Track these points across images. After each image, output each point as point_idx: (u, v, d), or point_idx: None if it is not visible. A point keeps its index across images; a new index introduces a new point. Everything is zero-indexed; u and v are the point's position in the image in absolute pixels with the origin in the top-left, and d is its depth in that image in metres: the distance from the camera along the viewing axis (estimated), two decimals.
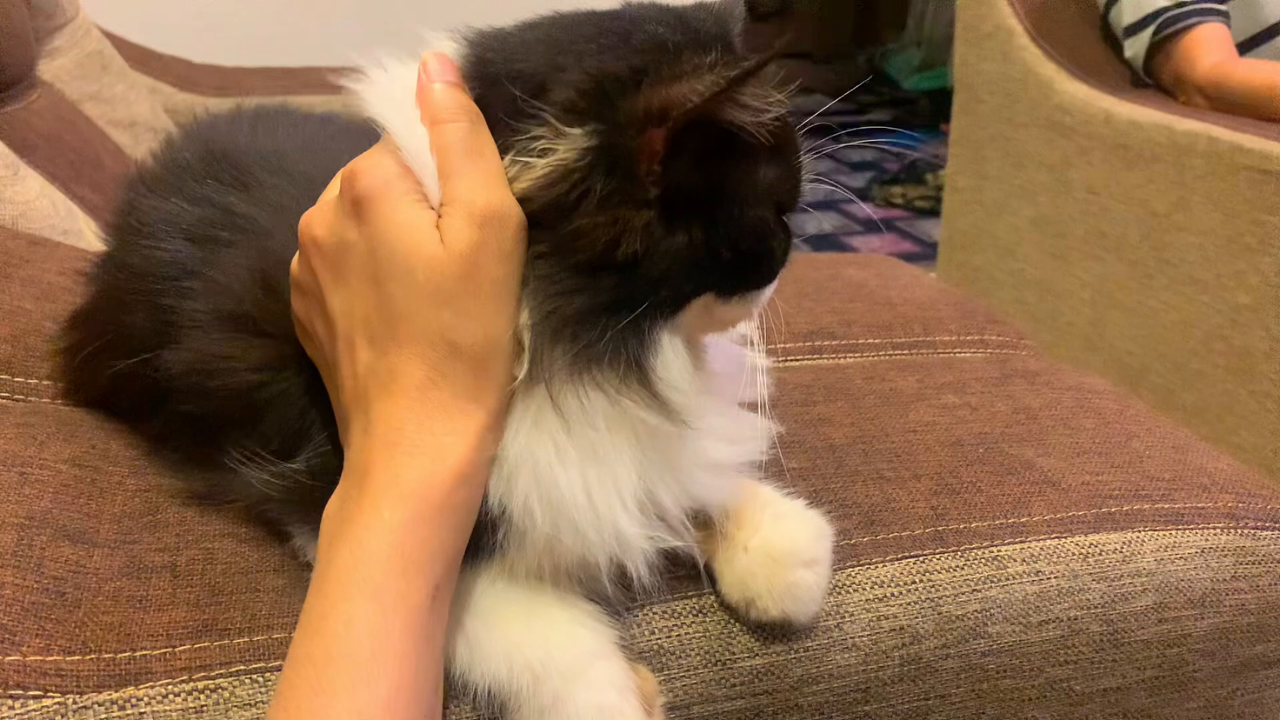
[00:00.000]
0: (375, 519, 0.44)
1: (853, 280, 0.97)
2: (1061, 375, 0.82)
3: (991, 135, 1.80)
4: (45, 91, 1.28)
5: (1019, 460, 0.69)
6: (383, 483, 0.45)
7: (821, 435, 0.70)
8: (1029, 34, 1.71)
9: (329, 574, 0.44)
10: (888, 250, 2.96)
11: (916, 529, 0.62)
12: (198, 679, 0.49)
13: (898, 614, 0.59)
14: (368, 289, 0.47)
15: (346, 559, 0.44)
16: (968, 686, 0.60)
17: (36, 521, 0.55)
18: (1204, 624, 0.64)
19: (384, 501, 0.45)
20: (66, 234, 0.97)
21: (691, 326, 0.50)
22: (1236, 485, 0.69)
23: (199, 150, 0.68)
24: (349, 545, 0.44)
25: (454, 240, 0.45)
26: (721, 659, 0.55)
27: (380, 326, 0.47)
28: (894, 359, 0.85)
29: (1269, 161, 1.30)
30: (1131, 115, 1.51)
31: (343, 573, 0.44)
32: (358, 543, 0.44)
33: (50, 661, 0.48)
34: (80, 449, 0.62)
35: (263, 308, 0.55)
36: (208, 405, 0.55)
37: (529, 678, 0.48)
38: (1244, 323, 1.36)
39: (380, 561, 0.44)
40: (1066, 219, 1.64)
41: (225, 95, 1.68)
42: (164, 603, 0.53)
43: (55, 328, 0.70)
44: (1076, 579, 0.62)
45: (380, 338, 0.47)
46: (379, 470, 0.45)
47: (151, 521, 0.58)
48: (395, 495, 0.45)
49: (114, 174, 1.24)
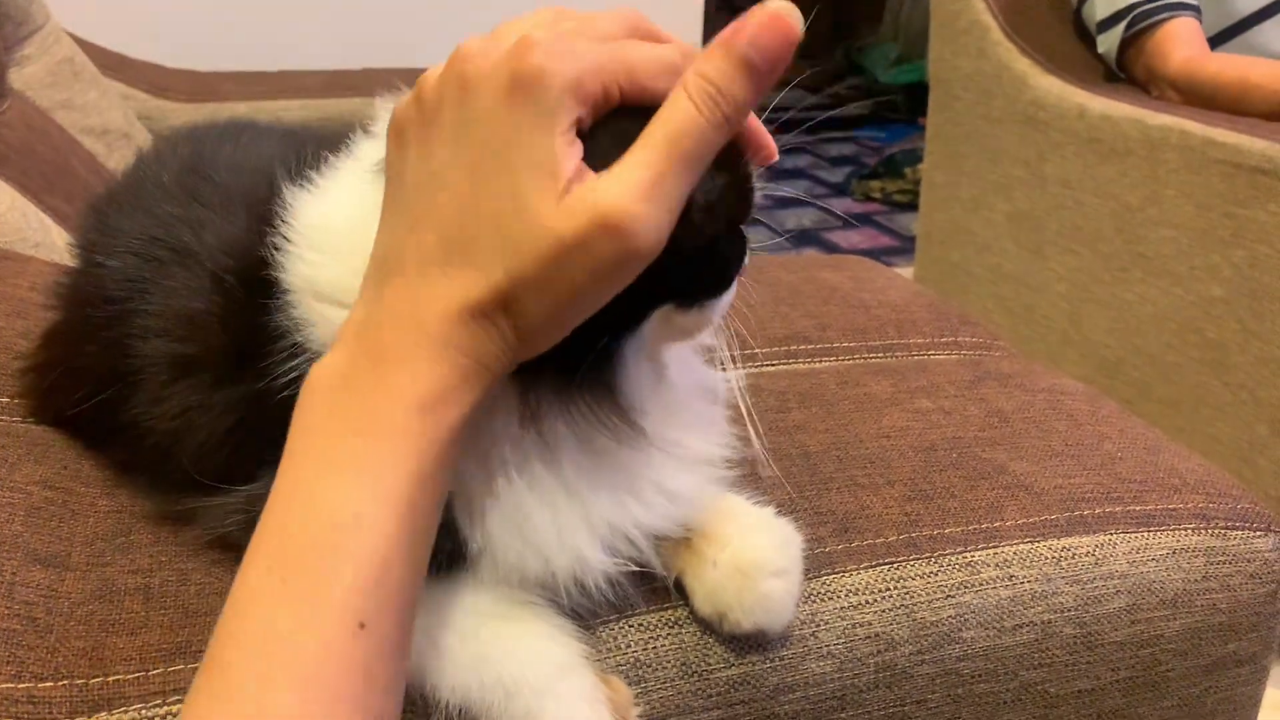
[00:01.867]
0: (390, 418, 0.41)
1: (827, 283, 0.98)
2: (1034, 377, 0.83)
3: (967, 131, 1.81)
4: (16, 101, 1.27)
5: (992, 465, 0.69)
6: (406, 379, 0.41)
7: (796, 442, 0.71)
8: (1003, 30, 1.72)
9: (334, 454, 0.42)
10: (866, 245, 2.96)
11: (890, 535, 0.63)
12: (172, 703, 0.49)
13: (872, 621, 0.59)
14: (471, 177, 0.42)
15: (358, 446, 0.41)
16: (943, 691, 0.61)
17: (7, 546, 0.55)
18: (1176, 624, 0.65)
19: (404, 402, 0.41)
20: (39, 247, 0.97)
21: (652, 339, 0.50)
22: (1207, 485, 0.70)
23: (169, 162, 0.67)
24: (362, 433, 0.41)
25: (563, 221, 0.40)
26: (698, 670, 0.56)
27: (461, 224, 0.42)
28: (868, 363, 0.85)
29: (1240, 155, 1.31)
30: (1105, 110, 1.52)
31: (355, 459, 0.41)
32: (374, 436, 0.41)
33: (22, 689, 0.48)
34: (51, 470, 0.62)
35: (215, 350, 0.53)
36: (174, 455, 0.54)
37: (500, 693, 0.48)
38: (1217, 315, 1.38)
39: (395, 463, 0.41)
40: (1042, 214, 1.66)
41: (199, 101, 1.67)
42: (137, 626, 0.52)
43: (27, 345, 0.70)
44: (1050, 583, 0.62)
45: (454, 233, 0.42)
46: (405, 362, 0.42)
47: (124, 543, 0.58)
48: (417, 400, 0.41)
49: (87, 184, 1.23)
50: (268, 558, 0.41)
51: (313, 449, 0.42)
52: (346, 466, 0.41)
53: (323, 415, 0.43)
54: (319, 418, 0.43)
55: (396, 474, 0.41)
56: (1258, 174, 1.29)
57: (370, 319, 0.44)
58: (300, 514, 0.41)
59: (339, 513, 0.40)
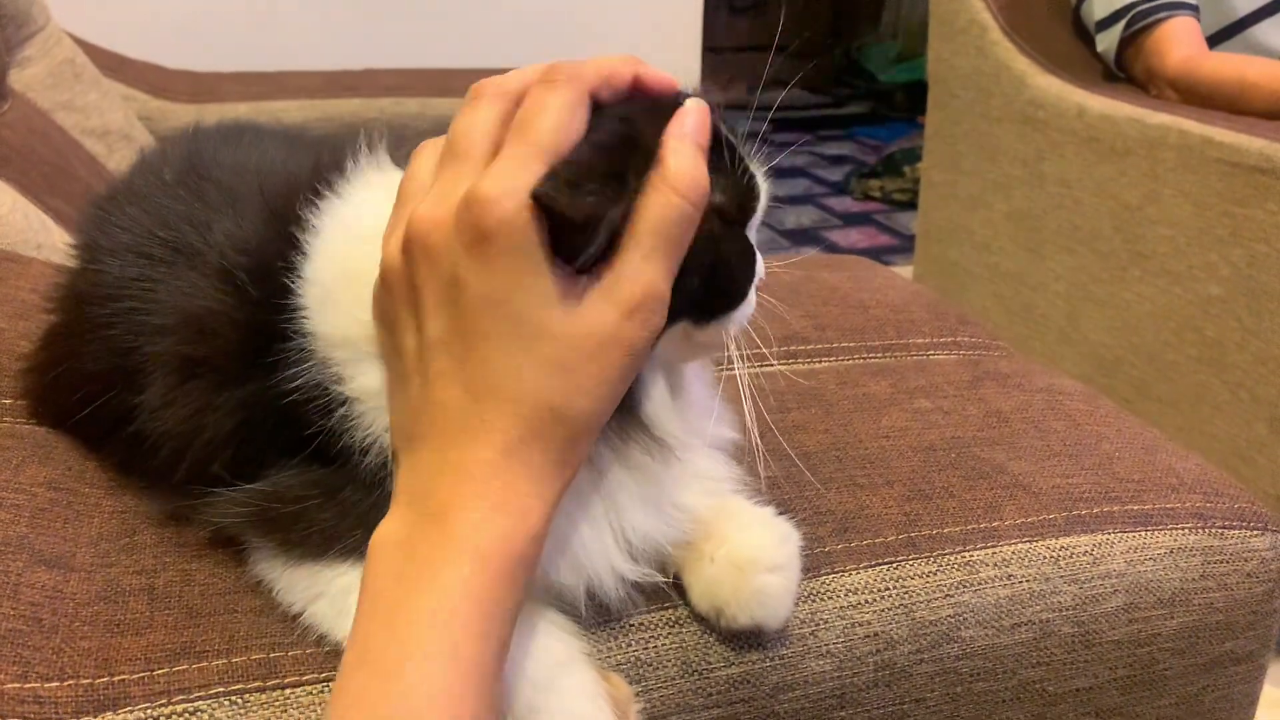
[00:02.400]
0: (456, 574, 0.42)
1: (826, 283, 0.98)
2: (1032, 377, 0.83)
3: (966, 130, 1.82)
4: (16, 102, 1.27)
5: (990, 464, 0.70)
6: (465, 533, 0.43)
7: (795, 442, 0.71)
8: (1002, 29, 1.72)
9: (399, 619, 0.42)
10: (866, 243, 2.97)
11: (890, 535, 0.63)
12: (176, 702, 0.49)
13: (872, 620, 0.60)
14: (475, 336, 0.44)
15: (424, 610, 0.42)
16: (942, 690, 0.61)
17: (13, 547, 0.55)
18: (1174, 623, 0.65)
19: (466, 556, 0.43)
20: (40, 248, 0.97)
21: (670, 356, 0.51)
22: (1204, 485, 0.70)
23: (169, 162, 0.68)
24: (426, 594, 0.42)
25: (593, 321, 0.44)
26: (698, 668, 0.56)
27: (481, 375, 0.44)
28: (867, 363, 0.85)
29: (1239, 154, 1.32)
30: (1104, 109, 1.52)
31: (419, 624, 0.42)
32: (438, 595, 0.42)
33: (28, 689, 0.48)
34: (56, 472, 0.62)
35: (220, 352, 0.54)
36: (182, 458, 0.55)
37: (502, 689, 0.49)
38: (1216, 314, 1.38)
39: (461, 621, 0.42)
40: (1040, 212, 1.66)
41: (199, 101, 1.67)
42: (142, 626, 0.53)
43: (29, 347, 0.70)
44: (1048, 582, 0.63)
45: (478, 385, 0.44)
46: (459, 518, 0.43)
47: (129, 544, 0.58)
48: (479, 553, 0.43)
49: (87, 185, 1.23)
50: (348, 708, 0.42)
51: (380, 615, 0.43)
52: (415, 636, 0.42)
53: (391, 581, 0.44)
54: (388, 583, 0.44)
55: (465, 630, 0.42)
56: (1256, 173, 1.29)
57: (416, 480, 0.45)
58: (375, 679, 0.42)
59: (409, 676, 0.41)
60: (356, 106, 1.69)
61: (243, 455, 0.53)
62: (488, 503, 0.43)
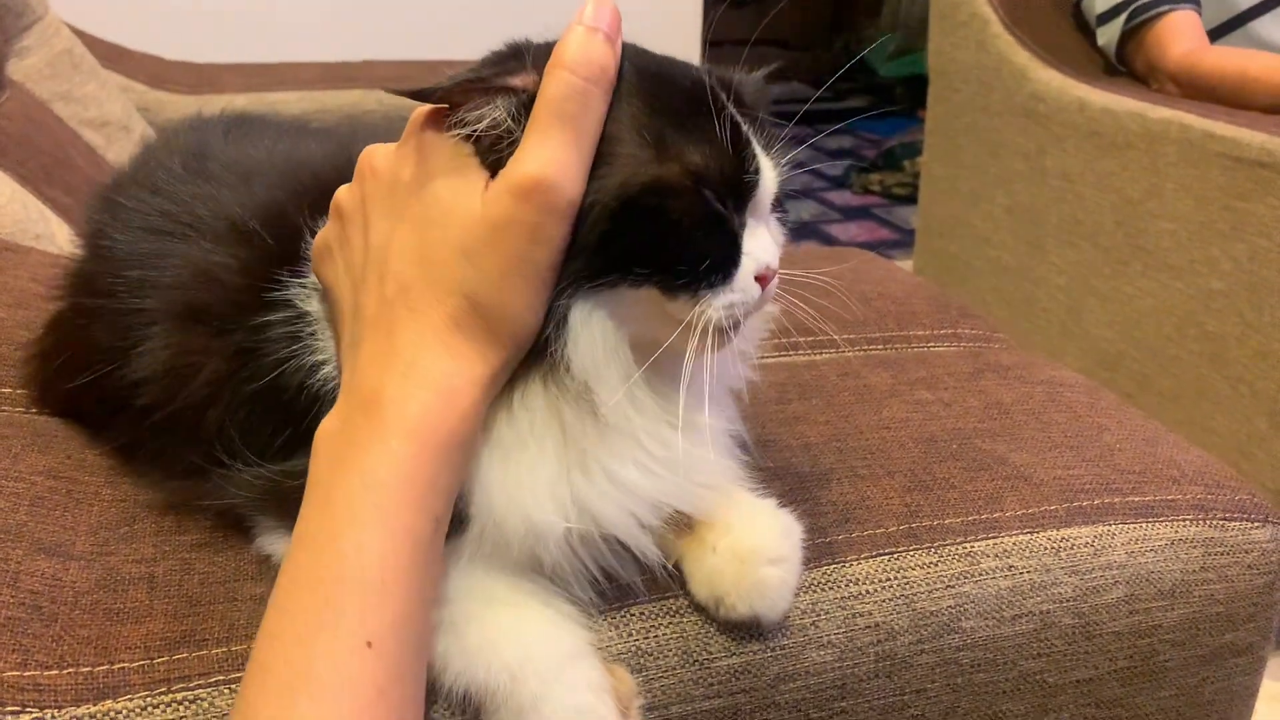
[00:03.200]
0: (384, 448, 0.45)
1: (827, 275, 0.98)
2: (1033, 369, 0.83)
3: (966, 124, 1.81)
4: (15, 92, 1.27)
5: (991, 456, 0.69)
6: (393, 412, 0.46)
7: (796, 433, 0.71)
8: (1003, 22, 1.72)
9: (335, 496, 0.45)
10: (865, 237, 2.97)
11: (890, 526, 0.63)
12: (176, 690, 0.49)
13: (873, 611, 0.59)
14: (409, 227, 0.48)
15: (356, 484, 0.45)
16: (943, 681, 0.61)
17: (12, 535, 0.55)
18: (1174, 615, 0.65)
19: (393, 432, 0.45)
20: (39, 238, 0.97)
21: (637, 325, 0.50)
22: (1205, 477, 0.70)
23: (175, 149, 0.68)
24: (358, 471, 0.45)
25: (490, 206, 0.46)
26: (699, 658, 0.56)
27: (413, 264, 0.48)
28: (868, 355, 0.85)
29: (1240, 148, 1.31)
30: (1105, 103, 1.52)
31: (352, 497, 0.45)
32: (369, 470, 0.45)
33: (28, 677, 0.48)
34: (55, 460, 0.62)
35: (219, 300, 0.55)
36: (173, 408, 0.55)
37: (506, 679, 0.49)
38: (1217, 308, 1.38)
39: (390, 491, 0.45)
40: (1041, 207, 1.66)
41: (198, 93, 1.67)
42: (141, 614, 0.53)
43: (28, 336, 0.70)
44: (1049, 573, 0.63)
45: (412, 273, 0.48)
46: (390, 397, 0.46)
47: (128, 532, 0.58)
48: (405, 428, 0.46)
49: (86, 175, 1.23)
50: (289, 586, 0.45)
51: (317, 498, 0.46)
52: (348, 507, 0.45)
53: (327, 466, 0.47)
54: (324, 469, 0.47)
55: (394, 501, 0.45)
56: (1257, 167, 1.29)
57: (356, 373, 0.48)
58: (311, 553, 0.45)
59: (343, 543, 0.44)
60: (356, 98, 1.69)
61: (243, 420, 0.53)
62: (412, 381, 0.46)
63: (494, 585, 0.52)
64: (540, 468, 0.50)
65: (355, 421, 0.47)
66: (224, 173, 0.62)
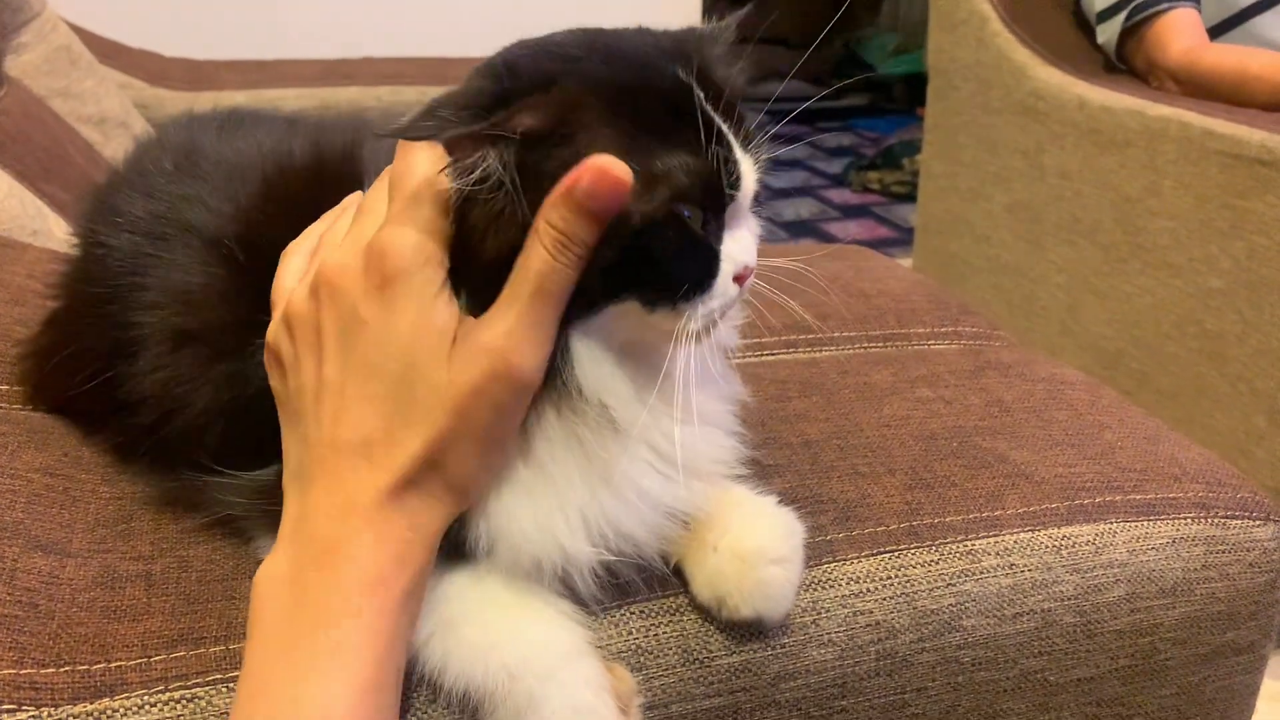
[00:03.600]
0: (346, 605, 0.45)
1: (828, 272, 0.98)
2: (1034, 366, 0.83)
3: (966, 121, 1.81)
4: (12, 88, 1.27)
5: (992, 453, 0.69)
6: (351, 570, 0.45)
7: (797, 431, 0.71)
8: (1002, 20, 1.72)
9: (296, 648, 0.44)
10: (865, 236, 2.96)
11: (891, 524, 0.63)
12: (174, 689, 0.49)
13: (873, 609, 0.59)
14: (367, 372, 0.47)
15: (321, 640, 0.44)
16: (944, 679, 0.61)
17: (8, 532, 0.55)
18: (1175, 613, 0.65)
19: (354, 589, 0.45)
20: (36, 234, 0.97)
21: (624, 334, 0.50)
22: (1206, 475, 0.70)
23: (168, 146, 0.68)
24: (321, 625, 0.45)
25: (457, 374, 0.46)
26: (699, 657, 0.56)
27: (374, 418, 0.46)
28: (869, 352, 0.85)
29: (1239, 146, 1.31)
30: (1104, 101, 1.52)
31: (316, 652, 0.44)
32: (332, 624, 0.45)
33: (24, 675, 0.48)
34: (52, 457, 0.62)
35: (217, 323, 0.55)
36: (171, 424, 0.55)
37: (504, 678, 0.48)
38: (1216, 306, 1.38)
39: (354, 648, 0.44)
40: (1040, 204, 1.65)
41: (196, 89, 1.66)
42: (139, 612, 0.53)
43: (25, 332, 0.69)
44: (1050, 571, 0.62)
45: (371, 426, 0.47)
46: (347, 555, 0.46)
47: (125, 530, 0.58)
48: (364, 584, 0.45)
49: (83, 171, 1.22)
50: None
51: (274, 648, 0.45)
52: (311, 662, 0.44)
53: (277, 617, 0.46)
54: (278, 618, 0.46)
55: (358, 657, 0.44)
56: (1257, 165, 1.29)
57: (304, 518, 0.47)
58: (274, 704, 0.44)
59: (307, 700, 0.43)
60: (354, 95, 1.68)
61: (239, 437, 0.53)
62: (370, 537, 0.46)
63: (492, 584, 0.51)
64: (569, 494, 0.50)
65: (309, 574, 0.46)
66: (215, 173, 0.61)
